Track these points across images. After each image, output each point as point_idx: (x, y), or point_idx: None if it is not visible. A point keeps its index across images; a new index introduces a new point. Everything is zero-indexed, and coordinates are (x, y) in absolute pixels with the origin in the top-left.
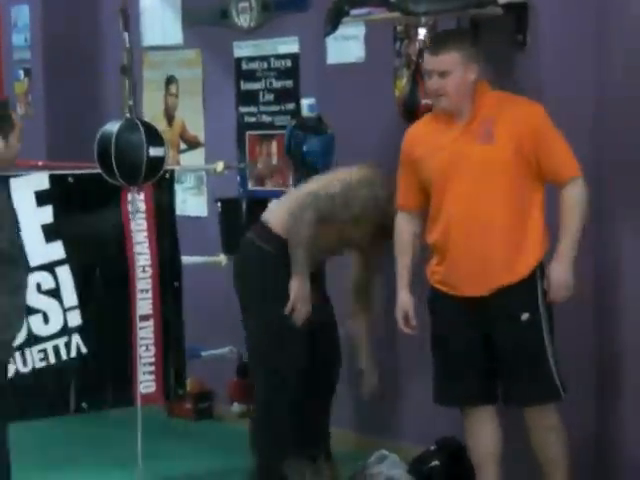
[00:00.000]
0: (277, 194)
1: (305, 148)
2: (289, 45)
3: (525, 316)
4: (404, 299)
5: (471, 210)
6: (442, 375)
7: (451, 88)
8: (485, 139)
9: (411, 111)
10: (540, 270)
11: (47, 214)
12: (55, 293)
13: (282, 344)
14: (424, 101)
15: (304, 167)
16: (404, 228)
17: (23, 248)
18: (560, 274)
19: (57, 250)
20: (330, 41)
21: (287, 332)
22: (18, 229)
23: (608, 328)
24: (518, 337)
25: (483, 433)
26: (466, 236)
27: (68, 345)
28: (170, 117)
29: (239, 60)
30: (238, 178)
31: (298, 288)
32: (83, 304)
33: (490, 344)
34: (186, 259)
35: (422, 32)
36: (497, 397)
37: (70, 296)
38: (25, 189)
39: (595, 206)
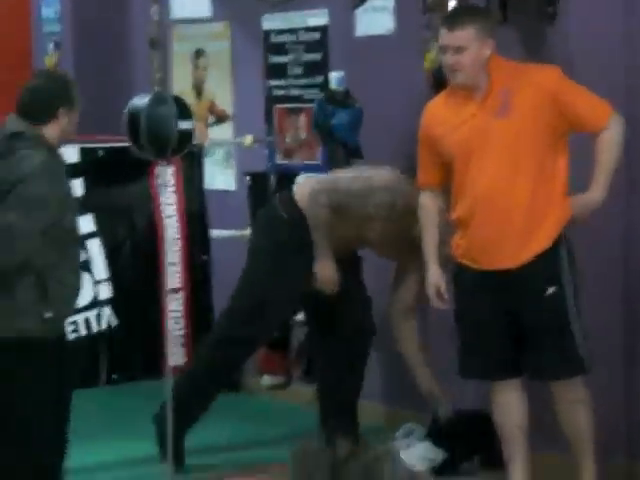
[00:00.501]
0: (305, 168)
1: (333, 121)
2: (318, 17)
3: (550, 290)
4: (435, 274)
5: (494, 183)
6: (466, 348)
7: (467, 63)
8: (503, 113)
9: (441, 83)
10: (564, 240)
11: (77, 187)
12: (86, 266)
13: (261, 310)
14: None
15: (332, 141)
16: (428, 203)
17: None
18: (590, 197)
19: (87, 223)
20: (359, 13)
21: (270, 300)
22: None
23: (637, 295)
24: (543, 312)
25: (510, 405)
26: (490, 210)
27: (99, 317)
28: (199, 91)
29: (268, 33)
30: (266, 152)
31: (322, 268)
32: (113, 277)
33: (514, 317)
34: (214, 232)
35: (452, 3)
36: (521, 370)
37: (100, 269)
38: None
39: (626, 175)
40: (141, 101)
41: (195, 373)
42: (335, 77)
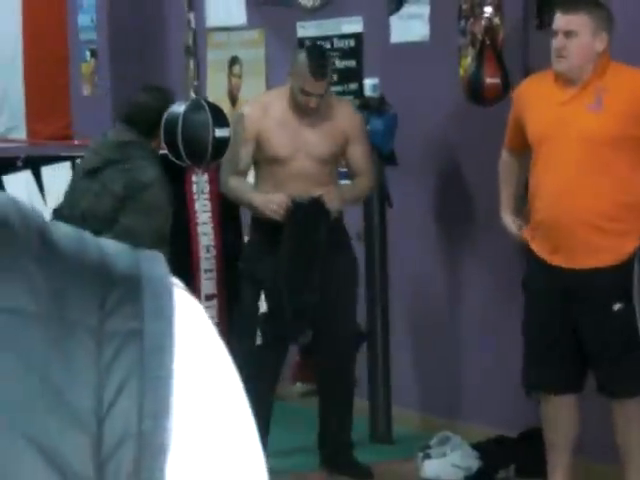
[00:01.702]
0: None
1: (368, 128)
2: (353, 25)
3: (617, 306)
4: (507, 220)
5: (571, 181)
6: (533, 359)
7: (574, 50)
8: (594, 107)
9: (476, 91)
10: (638, 258)
11: None
12: None
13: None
14: (489, 80)
15: None
16: (509, 160)
17: None
18: None
19: None
20: (394, 20)
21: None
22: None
23: None
24: (608, 328)
25: (561, 417)
26: (566, 204)
27: None
28: (234, 98)
29: (302, 40)
30: None
31: (263, 203)
32: None
33: (581, 329)
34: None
35: (488, 10)
36: (582, 386)
37: None
38: None
39: None
40: (178, 108)
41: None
42: (370, 84)
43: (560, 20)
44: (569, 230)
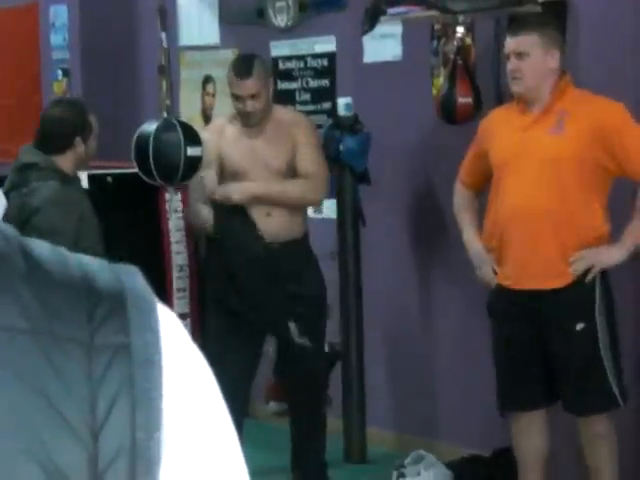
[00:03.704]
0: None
1: (341, 147)
2: (326, 44)
3: (580, 326)
4: (477, 249)
5: (531, 201)
6: (506, 380)
7: (527, 71)
8: (555, 130)
9: (449, 110)
10: (600, 277)
11: None
12: None
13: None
14: (461, 100)
15: (340, 166)
16: (464, 193)
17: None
18: (611, 253)
19: None
20: (367, 40)
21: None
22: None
23: None
24: (572, 347)
25: (533, 434)
26: (524, 225)
27: None
28: (207, 117)
29: (276, 59)
30: None
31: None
32: None
33: (546, 347)
34: None
35: (460, 30)
36: (551, 400)
37: None
38: None
39: None
40: (149, 127)
41: None
42: (343, 103)
43: (511, 43)
44: (530, 251)
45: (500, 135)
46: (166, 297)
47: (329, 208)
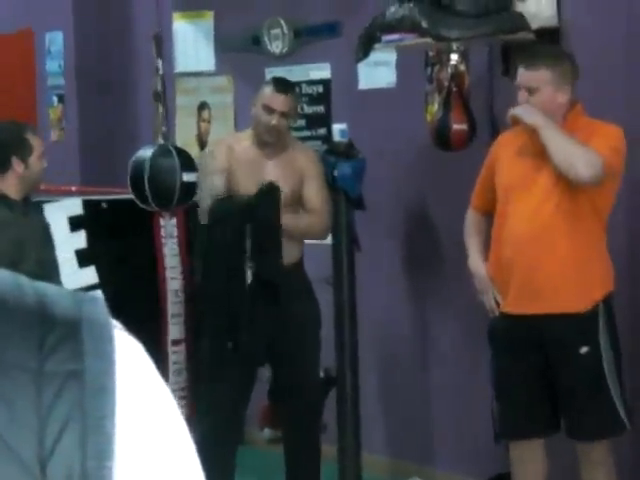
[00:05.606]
0: None
1: (336, 173)
2: (321, 71)
3: (584, 350)
4: (481, 275)
5: (535, 230)
6: (508, 408)
7: (536, 106)
8: None
9: (443, 137)
10: (605, 307)
11: (81, 239)
12: None
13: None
14: (456, 126)
15: (335, 192)
16: (474, 219)
17: (57, 271)
18: (537, 118)
19: (91, 275)
20: (361, 67)
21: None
22: (52, 252)
23: None
24: (576, 371)
25: (532, 460)
26: (527, 252)
27: None
28: (203, 143)
29: None
30: None
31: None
32: None
33: (549, 374)
34: None
35: (454, 57)
36: (554, 428)
37: None
38: (59, 214)
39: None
40: (145, 153)
41: None
42: (338, 129)
43: (522, 76)
44: (535, 276)
45: (506, 160)
46: (161, 322)
47: None
